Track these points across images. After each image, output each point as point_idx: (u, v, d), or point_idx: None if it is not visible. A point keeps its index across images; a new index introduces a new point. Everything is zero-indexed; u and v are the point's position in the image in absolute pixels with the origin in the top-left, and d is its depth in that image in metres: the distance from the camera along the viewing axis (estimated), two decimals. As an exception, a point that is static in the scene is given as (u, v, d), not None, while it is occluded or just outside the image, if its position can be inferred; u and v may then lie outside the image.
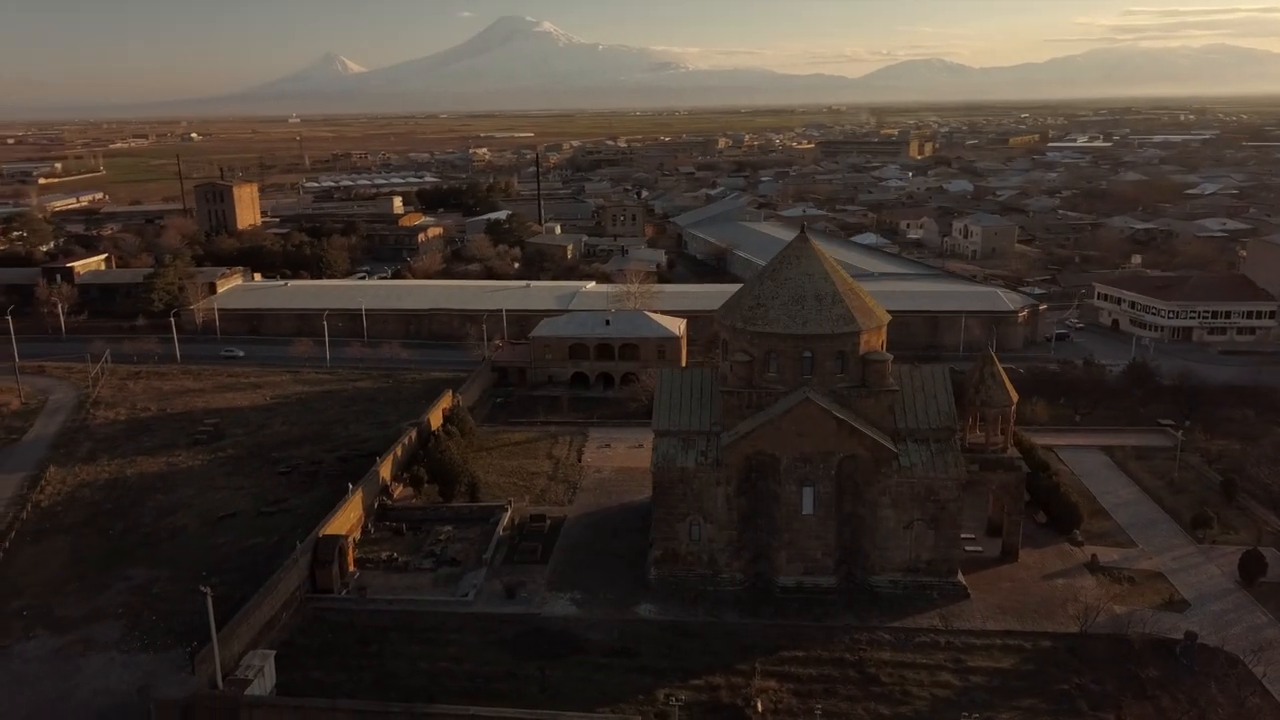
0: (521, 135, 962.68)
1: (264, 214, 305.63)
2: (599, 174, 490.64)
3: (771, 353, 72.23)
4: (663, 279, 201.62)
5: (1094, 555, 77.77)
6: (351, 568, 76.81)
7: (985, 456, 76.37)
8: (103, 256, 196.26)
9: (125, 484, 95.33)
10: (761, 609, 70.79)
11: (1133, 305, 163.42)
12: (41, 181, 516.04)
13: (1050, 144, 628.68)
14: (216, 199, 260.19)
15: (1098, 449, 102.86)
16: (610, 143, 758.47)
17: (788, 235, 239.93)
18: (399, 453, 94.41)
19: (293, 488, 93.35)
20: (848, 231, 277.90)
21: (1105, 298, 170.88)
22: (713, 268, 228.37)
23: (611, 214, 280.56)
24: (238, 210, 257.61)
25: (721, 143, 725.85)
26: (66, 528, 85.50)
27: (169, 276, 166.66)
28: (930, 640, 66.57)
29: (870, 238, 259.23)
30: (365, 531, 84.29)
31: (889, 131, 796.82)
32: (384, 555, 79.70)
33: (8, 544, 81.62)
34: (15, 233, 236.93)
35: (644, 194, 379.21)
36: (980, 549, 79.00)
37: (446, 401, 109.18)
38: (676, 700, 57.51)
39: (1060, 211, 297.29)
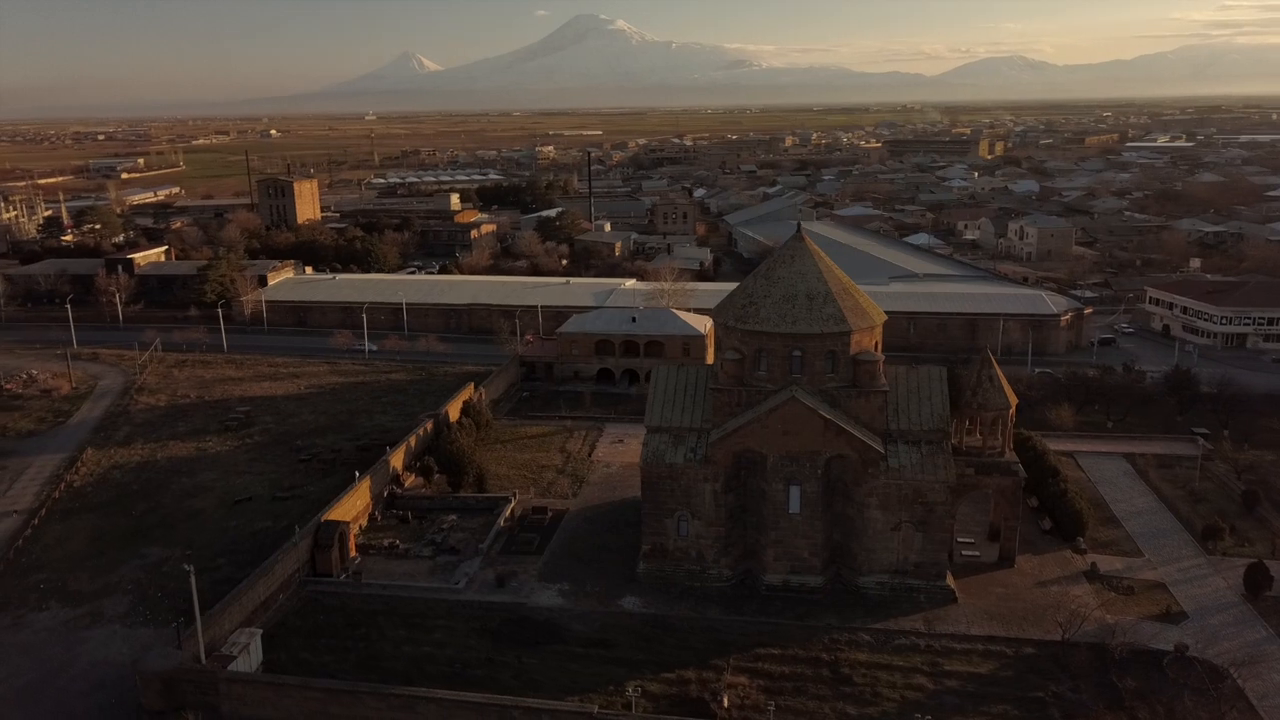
0: (590, 133, 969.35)
1: (325, 209, 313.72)
2: (660, 172, 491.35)
3: (762, 351, 72.44)
4: (704, 277, 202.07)
5: (1093, 563, 76.36)
6: (353, 553, 79.09)
7: (981, 460, 75.50)
8: (163, 249, 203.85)
9: (154, 467, 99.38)
10: (745, 606, 71.11)
11: (1184, 310, 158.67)
12: (124, 176, 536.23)
13: (1128, 144, 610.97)
14: (278, 194, 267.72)
15: (1121, 456, 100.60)
16: (676, 140, 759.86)
17: (839, 234, 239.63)
18: (413, 443, 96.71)
19: (310, 475, 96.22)
20: (903, 231, 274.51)
21: (1157, 302, 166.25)
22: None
23: (662, 212, 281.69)
24: (298, 205, 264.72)
25: (788, 141, 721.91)
26: (94, 507, 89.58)
27: (221, 269, 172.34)
28: (909, 643, 66.20)
29: (923, 238, 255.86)
30: (372, 518, 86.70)
31: (961, 130, 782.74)
32: (386, 542, 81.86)
33: (37, 521, 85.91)
34: (88, 225, 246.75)
35: (702, 192, 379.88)
36: (978, 554, 78.12)
37: (467, 394, 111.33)
38: (635, 691, 58.20)
39: (1127, 213, 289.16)
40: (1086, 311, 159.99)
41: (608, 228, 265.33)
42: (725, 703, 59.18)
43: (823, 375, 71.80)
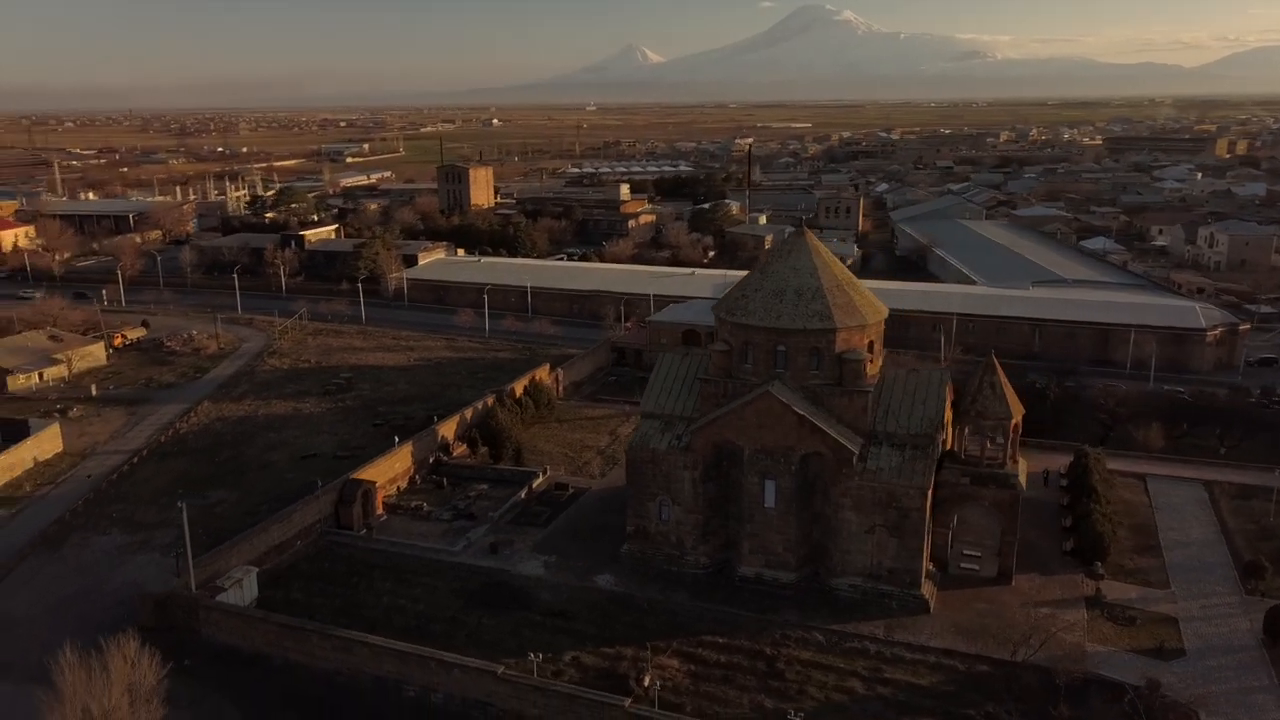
0: (799, 126, 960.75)
1: (507, 195, 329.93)
2: (850, 166, 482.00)
3: (748, 344, 72.87)
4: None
5: (1098, 589, 71.76)
6: (380, 510, 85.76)
7: (978, 470, 72.61)
8: (332, 227, 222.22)
9: (251, 421, 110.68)
10: (713, 594, 72.01)
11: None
12: (349, 160, 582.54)
13: None
14: (455, 180, 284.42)
15: (1199, 483, 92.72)
16: (883, 134, 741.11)
17: (997, 235, 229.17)
18: (468, 415, 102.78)
19: (377, 438, 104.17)
20: (1084, 234, 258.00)
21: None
22: (914, 265, 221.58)
23: (826, 206, 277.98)
24: (472, 191, 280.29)
25: (1003, 136, 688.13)
26: (187, 452, 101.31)
27: (374, 247, 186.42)
28: (860, 647, 65.21)
29: (1101, 242, 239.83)
30: (413, 481, 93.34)
31: (1205, 128, 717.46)
32: (414, 504, 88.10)
33: (136, 460, 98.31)
34: (288, 205, 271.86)
35: (883, 188, 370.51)
36: (977, 567, 75.07)
37: (540, 373, 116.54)
38: (536, 656, 60.82)
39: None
40: (1242, 328, 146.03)
41: (762, 220, 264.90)
42: (646, 681, 60.82)
43: (806, 371, 71.42)
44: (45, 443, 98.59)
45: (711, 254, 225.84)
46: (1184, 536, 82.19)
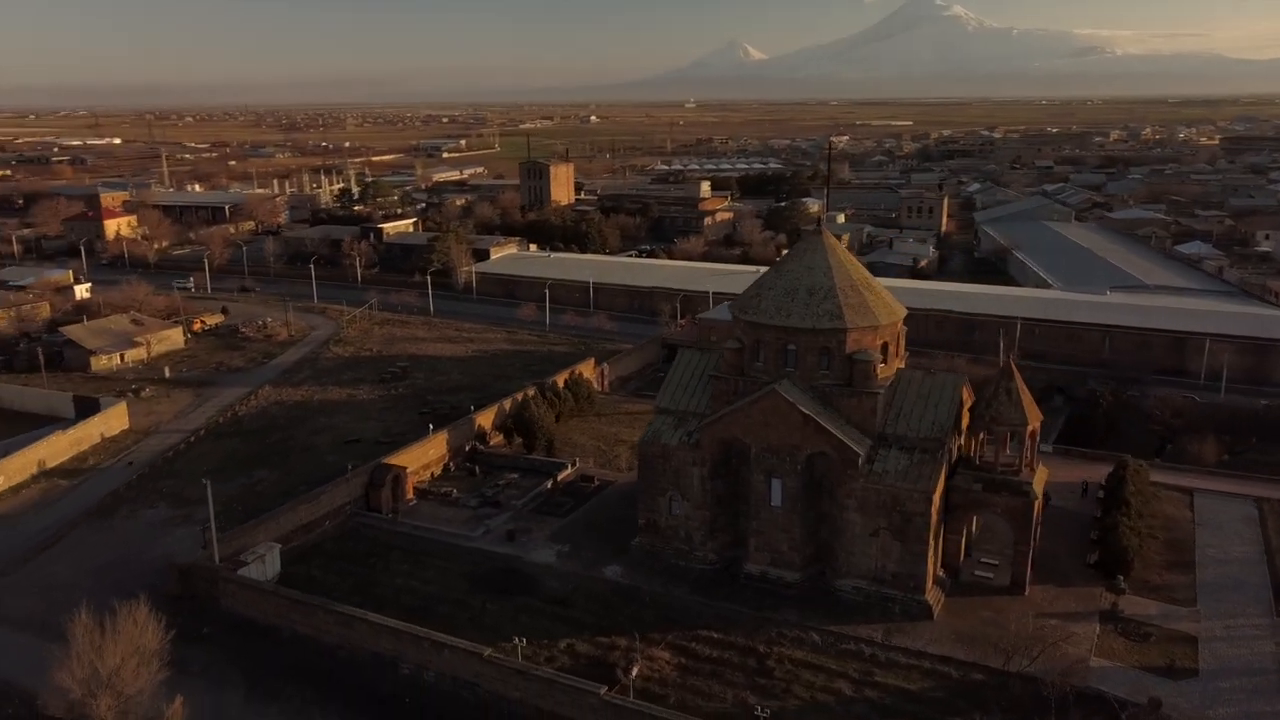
0: (899, 124, 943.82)
1: (590, 191, 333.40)
2: (944, 165, 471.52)
3: (759, 342, 72.92)
4: (920, 275, 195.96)
5: (1115, 603, 69.61)
6: (410, 495, 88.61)
7: (991, 477, 71.18)
8: (411, 220, 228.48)
9: (306, 406, 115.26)
10: (716, 590, 72.38)
11: None
12: (445, 155, 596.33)
13: None
14: (536, 176, 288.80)
15: (1250, 499, 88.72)
16: (985, 133, 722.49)
17: (1089, 238, 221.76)
18: (507, 406, 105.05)
19: (421, 425, 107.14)
20: (1182, 238, 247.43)
21: None
22: (993, 267, 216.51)
23: (908, 205, 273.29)
24: (552, 187, 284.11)
25: (1113, 136, 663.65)
26: (241, 433, 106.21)
27: (447, 241, 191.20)
28: (855, 649, 64.84)
29: (1197, 246, 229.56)
30: (447, 468, 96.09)
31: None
32: (444, 490, 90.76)
33: (193, 439, 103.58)
34: (374, 198, 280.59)
35: (975, 188, 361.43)
36: (991, 576, 73.72)
37: (584, 368, 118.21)
38: (520, 640, 62.25)
39: None
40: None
41: (841, 219, 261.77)
42: (633, 672, 61.73)
43: (815, 371, 71.14)
44: (112, 420, 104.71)
45: (785, 252, 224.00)
46: (1223, 554, 78.95)
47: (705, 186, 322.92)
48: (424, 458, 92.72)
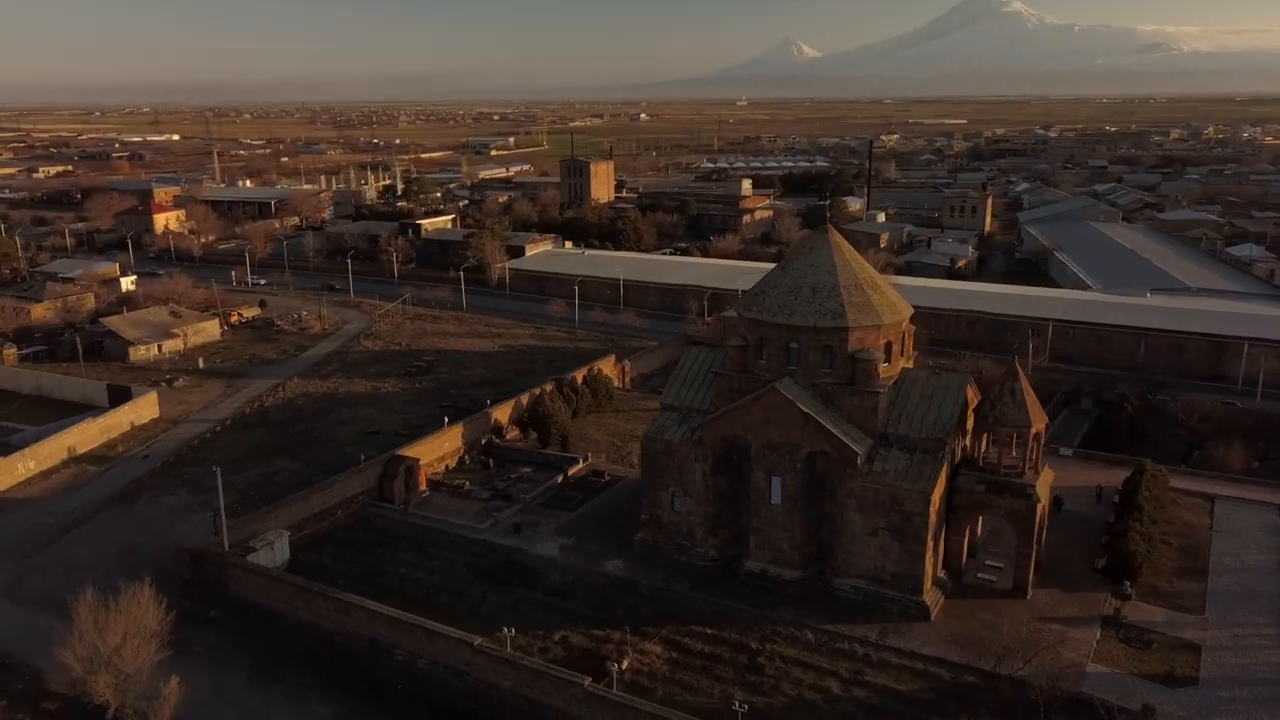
0: (952, 122, 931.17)
1: (633, 190, 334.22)
2: (994, 164, 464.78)
3: (763, 340, 72.99)
4: (956, 276, 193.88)
5: (1119, 609, 68.53)
6: (422, 487, 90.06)
7: (994, 479, 70.45)
8: (449, 217, 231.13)
9: (331, 398, 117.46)
10: (715, 586, 72.58)
11: None
12: (493, 153, 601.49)
13: None
14: (576, 174, 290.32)
15: (1274, 508, 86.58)
16: (1040, 132, 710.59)
17: (1135, 239, 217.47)
18: (524, 401, 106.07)
19: (440, 418, 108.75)
20: (1234, 240, 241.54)
21: None
22: (1034, 268, 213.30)
23: (951, 205, 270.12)
24: (593, 185, 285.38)
25: (1173, 135, 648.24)
26: (266, 424, 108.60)
27: (482, 238, 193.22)
28: (848, 649, 64.65)
29: (1249, 248, 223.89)
30: (462, 461, 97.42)
31: None
32: (457, 482, 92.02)
33: (219, 428, 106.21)
34: (417, 195, 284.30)
35: (1023, 187, 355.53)
36: (994, 578, 72.99)
37: (604, 364, 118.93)
38: (509, 630, 63.06)
39: None
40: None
41: (881, 218, 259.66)
42: (624, 665, 62.26)
43: (817, 369, 71.03)
44: (142, 408, 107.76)
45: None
46: (1238, 562, 77.24)
47: (746, 184, 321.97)
48: (438, 450, 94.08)
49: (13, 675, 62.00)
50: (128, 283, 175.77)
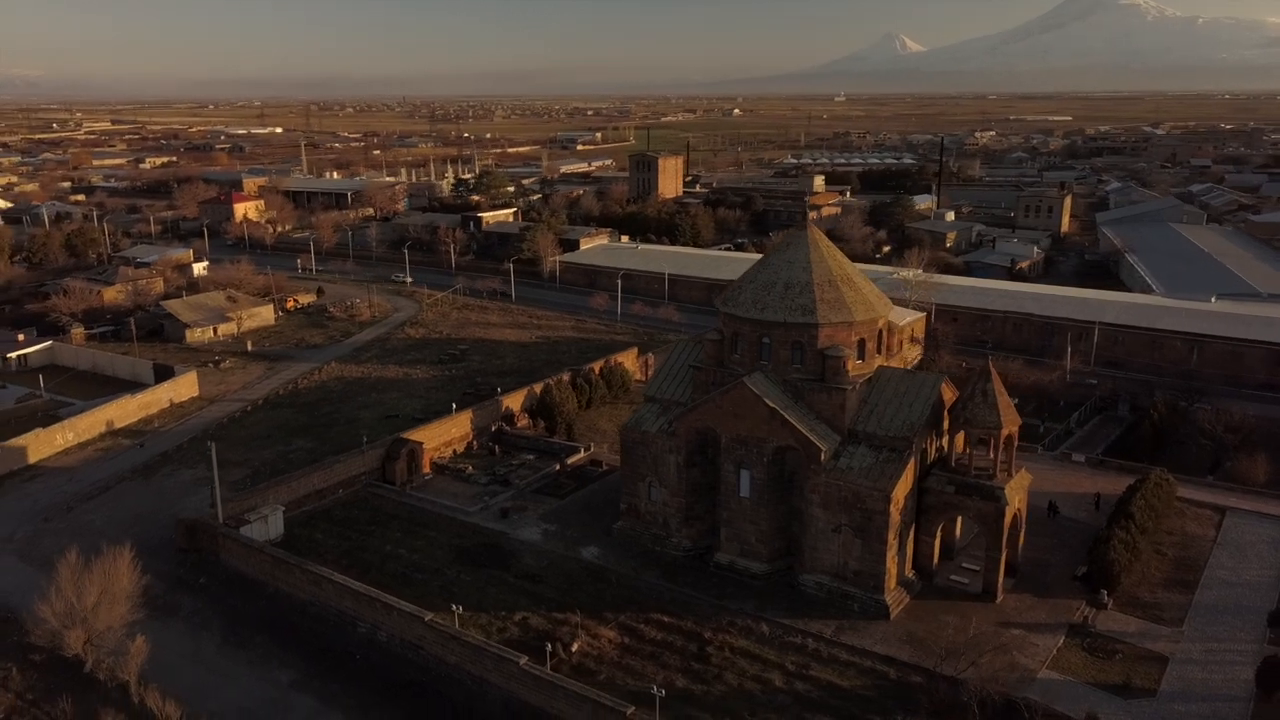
0: (1057, 119, 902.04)
1: (707, 185, 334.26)
2: (1088, 163, 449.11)
3: (737, 335, 73.52)
4: (1018, 277, 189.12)
5: (1089, 618, 66.99)
6: (426, 470, 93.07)
7: (963, 480, 69.56)
8: (511, 210, 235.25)
9: (362, 383, 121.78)
10: (683, 576, 73.48)
11: None
12: (580, 148, 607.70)
13: None
14: (645, 168, 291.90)
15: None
16: (1148, 129, 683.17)
17: (1215, 241, 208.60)
18: (537, 390, 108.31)
19: (460, 404, 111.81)
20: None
21: None
22: (1106, 270, 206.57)
23: (1025, 204, 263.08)
24: (660, 180, 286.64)
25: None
26: (295, 405, 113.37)
27: (536, 231, 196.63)
28: (799, 643, 64.85)
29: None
30: (469, 446, 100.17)
31: None
32: (459, 466, 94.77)
33: (250, 408, 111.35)
34: (488, 189, 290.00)
35: (1115, 187, 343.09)
36: (966, 581, 72.06)
37: (625, 357, 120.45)
38: (457, 609, 64.86)
39: None
40: None
41: (950, 216, 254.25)
42: (575, 648, 63.80)
43: (788, 365, 71.25)
44: (181, 387, 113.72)
45: (885, 249, 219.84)
46: (1234, 576, 74.51)
47: (818, 181, 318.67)
48: (445, 435, 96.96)
49: (10, 627, 66.82)
50: (199, 268, 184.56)
